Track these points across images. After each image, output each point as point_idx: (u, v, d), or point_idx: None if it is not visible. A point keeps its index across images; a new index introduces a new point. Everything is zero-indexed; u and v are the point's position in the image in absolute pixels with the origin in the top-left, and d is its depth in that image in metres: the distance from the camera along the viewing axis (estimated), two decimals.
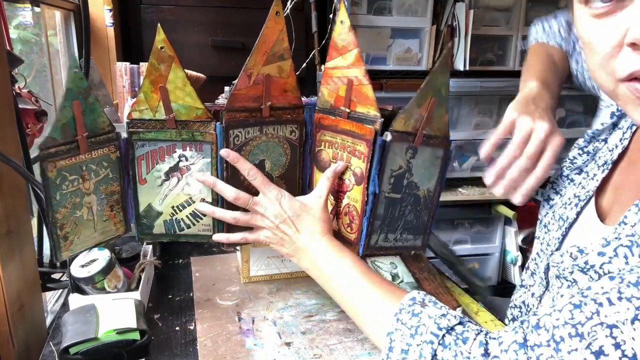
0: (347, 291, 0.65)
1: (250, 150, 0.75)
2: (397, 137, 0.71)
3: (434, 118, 0.72)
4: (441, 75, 0.70)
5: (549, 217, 0.76)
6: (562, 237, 0.70)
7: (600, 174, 0.68)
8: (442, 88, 0.71)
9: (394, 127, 0.70)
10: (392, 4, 1.92)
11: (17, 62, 0.85)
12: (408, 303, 0.57)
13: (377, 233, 0.76)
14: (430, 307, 0.55)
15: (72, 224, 0.69)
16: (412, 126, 0.71)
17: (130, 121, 0.72)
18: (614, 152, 0.69)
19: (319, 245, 0.70)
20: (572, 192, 0.72)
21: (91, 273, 0.68)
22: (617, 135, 0.70)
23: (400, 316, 0.56)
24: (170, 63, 0.69)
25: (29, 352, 0.75)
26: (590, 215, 0.67)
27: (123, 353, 0.62)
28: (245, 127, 0.74)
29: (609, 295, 0.46)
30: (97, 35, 1.63)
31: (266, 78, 0.72)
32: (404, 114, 0.70)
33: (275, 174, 0.79)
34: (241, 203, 0.73)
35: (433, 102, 0.71)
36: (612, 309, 0.45)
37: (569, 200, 0.72)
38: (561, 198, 0.74)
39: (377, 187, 0.72)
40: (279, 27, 0.69)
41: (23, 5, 1.23)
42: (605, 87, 0.54)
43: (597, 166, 0.70)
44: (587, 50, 0.54)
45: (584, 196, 0.69)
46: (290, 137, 0.78)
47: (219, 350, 0.67)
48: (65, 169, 0.67)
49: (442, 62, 0.70)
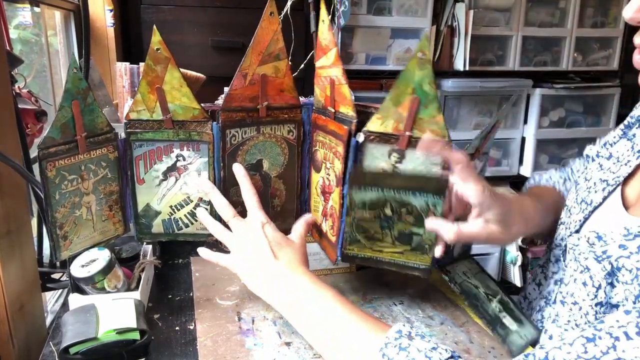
0: (325, 322, 0.60)
1: (247, 150, 0.75)
2: (373, 138, 0.67)
3: (421, 118, 0.65)
4: (419, 69, 0.62)
5: (572, 201, 0.74)
6: (583, 220, 0.68)
7: (635, 161, 0.65)
8: (424, 84, 0.62)
9: (368, 127, 0.67)
10: (392, 4, 1.93)
11: (17, 62, 0.85)
12: (394, 336, 0.53)
13: None
14: (418, 340, 0.52)
15: (72, 223, 0.69)
16: (393, 127, 0.66)
17: (128, 122, 0.73)
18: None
19: (297, 273, 0.65)
20: (598, 176, 0.70)
21: (91, 273, 0.68)
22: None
23: (386, 351, 0.52)
24: (166, 64, 0.69)
25: (29, 352, 0.75)
26: (616, 201, 0.65)
27: (123, 353, 0.62)
28: (242, 126, 0.74)
29: (627, 329, 0.44)
30: (97, 35, 1.63)
31: (262, 78, 0.72)
32: (379, 114, 0.66)
33: (273, 174, 0.79)
34: (225, 214, 0.72)
35: (414, 100, 0.64)
36: (630, 343, 0.43)
37: (595, 184, 0.69)
38: (587, 182, 0.72)
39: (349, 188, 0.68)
40: (273, 27, 0.69)
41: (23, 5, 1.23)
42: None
43: (633, 152, 0.67)
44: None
45: (612, 181, 0.66)
46: (288, 137, 0.78)
47: (219, 350, 0.67)
48: (64, 168, 0.67)
49: (417, 55, 0.61)
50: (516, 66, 2.07)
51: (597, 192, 0.68)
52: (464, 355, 0.68)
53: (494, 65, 2.08)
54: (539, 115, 2.07)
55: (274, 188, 0.80)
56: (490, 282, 0.79)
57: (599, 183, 0.69)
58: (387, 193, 0.67)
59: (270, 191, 0.80)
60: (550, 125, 2.11)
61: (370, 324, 0.57)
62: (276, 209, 0.82)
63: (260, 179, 0.79)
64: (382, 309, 0.79)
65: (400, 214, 0.69)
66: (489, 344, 0.71)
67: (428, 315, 0.77)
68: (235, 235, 0.71)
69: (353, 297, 0.82)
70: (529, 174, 2.11)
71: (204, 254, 0.73)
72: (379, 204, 0.69)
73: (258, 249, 0.68)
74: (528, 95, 2.09)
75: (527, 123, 2.11)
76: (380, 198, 0.68)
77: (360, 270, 0.91)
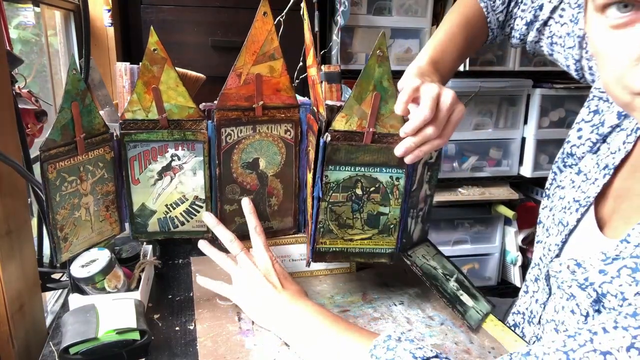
0: (324, 335, 0.63)
1: (243, 149, 0.76)
2: (339, 137, 0.69)
3: (384, 114, 0.68)
4: (378, 66, 0.65)
5: (550, 221, 0.75)
6: (562, 244, 0.69)
7: (601, 179, 0.66)
8: (384, 80, 0.66)
9: (334, 126, 0.68)
10: (392, 4, 1.93)
11: (17, 62, 0.85)
12: (383, 339, 0.56)
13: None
14: (405, 342, 0.54)
15: (71, 224, 0.70)
16: (357, 124, 0.68)
17: (123, 122, 0.73)
18: (616, 155, 0.66)
19: (302, 303, 0.68)
20: (571, 195, 0.71)
21: (91, 273, 0.68)
22: (620, 137, 0.67)
23: (374, 351, 0.55)
24: (163, 65, 0.69)
25: (29, 352, 0.75)
26: (590, 223, 0.66)
27: (123, 353, 0.63)
28: (238, 125, 0.74)
29: (605, 325, 0.44)
30: (97, 35, 1.63)
31: (257, 77, 0.72)
32: (344, 112, 0.67)
33: (270, 173, 0.79)
34: (233, 247, 0.74)
35: (376, 97, 0.66)
36: (607, 336, 0.43)
37: (569, 204, 0.70)
38: (561, 201, 0.73)
39: (321, 191, 0.71)
40: (267, 27, 0.69)
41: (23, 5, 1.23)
42: (621, 99, 0.51)
43: (598, 170, 0.68)
44: (602, 62, 0.52)
45: (584, 202, 0.67)
46: (285, 136, 0.78)
47: (219, 350, 0.67)
48: (64, 170, 0.67)
49: (376, 52, 0.64)
50: (516, 66, 2.07)
51: (571, 214, 0.69)
52: (464, 355, 0.68)
53: (494, 65, 2.08)
54: (539, 115, 2.07)
55: (270, 187, 0.80)
56: (446, 263, 0.83)
57: (573, 203, 0.69)
58: (358, 170, 0.72)
59: (268, 190, 0.80)
60: (550, 125, 2.11)
61: (366, 333, 0.61)
62: (273, 207, 0.82)
63: (257, 178, 0.79)
64: (382, 309, 0.79)
65: (369, 194, 0.73)
66: (489, 344, 0.71)
67: (428, 315, 0.77)
68: (241, 270, 0.73)
69: (353, 297, 0.82)
70: (529, 174, 2.11)
71: (202, 280, 0.78)
72: (351, 183, 0.73)
73: (266, 275, 0.71)
74: (528, 96, 2.09)
75: (527, 123, 2.11)
76: (352, 176, 0.72)
77: (360, 270, 0.91)
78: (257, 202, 0.80)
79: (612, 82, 0.51)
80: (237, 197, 0.79)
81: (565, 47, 0.79)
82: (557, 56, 0.82)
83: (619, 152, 0.66)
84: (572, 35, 0.77)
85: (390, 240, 0.77)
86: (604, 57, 0.51)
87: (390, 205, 0.74)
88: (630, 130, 0.66)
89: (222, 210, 0.79)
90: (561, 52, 0.80)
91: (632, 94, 0.49)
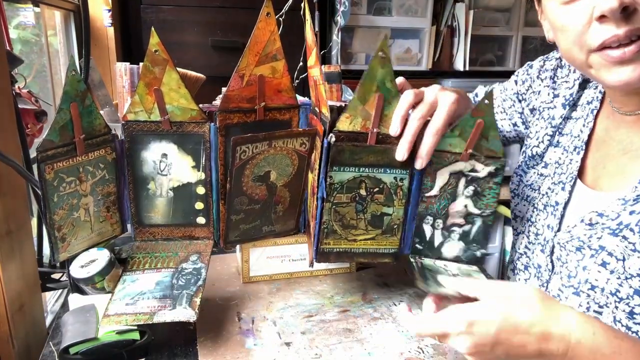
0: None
1: (256, 163, 0.74)
2: (343, 138, 0.68)
3: (387, 115, 0.68)
4: (381, 67, 0.65)
5: (530, 212, 0.78)
6: (560, 218, 0.71)
7: (577, 156, 0.72)
8: (387, 81, 0.66)
9: (338, 127, 0.67)
10: (392, 4, 1.93)
11: (17, 62, 0.85)
12: None
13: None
14: None
15: (70, 225, 0.69)
16: (361, 125, 0.68)
17: (126, 123, 0.72)
18: (581, 135, 0.73)
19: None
20: (548, 183, 0.75)
21: (91, 273, 0.68)
22: (578, 124, 0.75)
23: None
24: (164, 66, 0.69)
25: (29, 352, 0.76)
26: (582, 191, 0.70)
27: (123, 353, 0.63)
28: (254, 142, 0.72)
29: None
30: (97, 35, 1.63)
31: (259, 79, 0.71)
32: (348, 113, 0.67)
33: (279, 184, 0.78)
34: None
35: (379, 98, 0.66)
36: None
37: (549, 189, 0.74)
38: (537, 191, 0.78)
39: (325, 192, 0.71)
40: (270, 28, 0.69)
41: (23, 5, 1.24)
42: (579, 60, 0.61)
43: (567, 152, 0.74)
44: (559, 34, 0.63)
45: (568, 178, 0.71)
46: (300, 149, 0.76)
47: (219, 350, 0.67)
48: (62, 170, 0.67)
49: (379, 54, 0.64)
50: (516, 66, 2.07)
51: (557, 194, 0.72)
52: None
53: (494, 66, 2.08)
54: None
55: (278, 196, 0.79)
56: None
57: (553, 186, 0.74)
58: (362, 171, 0.71)
59: (275, 199, 0.79)
60: None
61: None
62: (278, 213, 0.81)
63: (266, 189, 0.77)
64: (382, 309, 0.79)
65: (373, 194, 0.73)
66: None
67: None
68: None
69: (353, 297, 0.82)
70: None
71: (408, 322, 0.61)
72: (355, 184, 0.72)
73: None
74: None
75: None
76: (356, 177, 0.71)
77: (360, 270, 0.91)
78: (263, 209, 0.79)
79: (570, 47, 0.61)
80: (245, 207, 0.77)
81: (505, 109, 0.92)
82: (502, 123, 0.94)
83: (582, 133, 0.73)
84: (508, 97, 0.92)
85: (394, 240, 0.76)
86: (561, 29, 0.62)
87: (394, 205, 0.73)
88: (587, 114, 0.74)
89: (228, 220, 0.77)
90: (505, 117, 0.93)
91: (587, 52, 0.59)
